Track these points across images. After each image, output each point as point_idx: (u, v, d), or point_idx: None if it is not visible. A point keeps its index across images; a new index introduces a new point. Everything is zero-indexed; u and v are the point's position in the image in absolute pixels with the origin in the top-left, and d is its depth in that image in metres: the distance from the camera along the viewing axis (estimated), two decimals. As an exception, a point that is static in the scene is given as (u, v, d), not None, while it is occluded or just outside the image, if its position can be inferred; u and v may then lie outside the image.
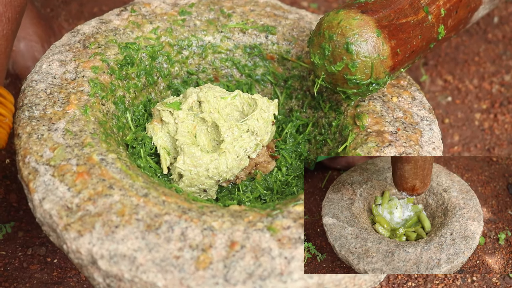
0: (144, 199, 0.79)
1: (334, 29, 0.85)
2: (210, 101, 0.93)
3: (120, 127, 0.93)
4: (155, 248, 0.75)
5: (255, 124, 0.93)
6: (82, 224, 0.76)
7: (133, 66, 0.97)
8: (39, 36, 1.15)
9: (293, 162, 0.98)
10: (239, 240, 0.76)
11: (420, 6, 0.90)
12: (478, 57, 1.37)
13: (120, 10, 1.03)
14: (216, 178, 0.91)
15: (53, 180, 0.80)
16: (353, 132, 0.92)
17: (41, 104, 0.88)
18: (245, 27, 1.03)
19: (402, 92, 0.96)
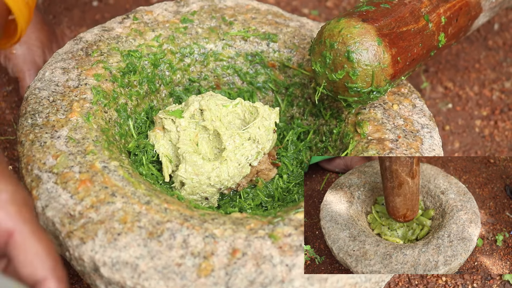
0: (146, 206, 0.80)
1: (335, 38, 0.86)
2: (211, 109, 0.94)
3: (122, 134, 0.93)
4: (157, 256, 0.75)
5: (257, 132, 0.93)
6: (84, 231, 0.77)
7: (135, 73, 0.98)
8: (41, 41, 1.15)
9: (294, 169, 0.98)
10: (241, 247, 0.76)
11: (420, 14, 0.91)
12: (478, 64, 1.38)
13: (123, 17, 1.04)
14: (217, 186, 0.91)
15: (56, 187, 0.80)
16: (354, 140, 0.92)
17: (44, 112, 0.88)
18: (247, 34, 1.03)
19: (402, 100, 0.97)
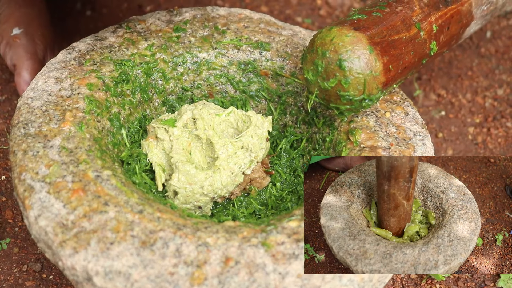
0: (139, 215, 0.80)
1: (327, 46, 0.86)
2: (204, 118, 0.94)
3: (115, 143, 0.93)
4: (150, 265, 0.75)
5: (250, 141, 0.93)
6: (77, 240, 0.77)
7: (128, 83, 0.98)
8: (46, 39, 1.15)
9: (288, 177, 0.98)
10: (234, 256, 0.76)
11: (412, 22, 0.91)
12: (471, 71, 1.38)
13: (115, 27, 1.04)
14: (211, 195, 0.91)
15: (48, 197, 0.80)
16: (347, 148, 0.92)
17: (37, 122, 0.88)
18: (239, 43, 1.04)
19: (395, 108, 0.97)
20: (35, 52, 1.11)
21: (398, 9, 0.91)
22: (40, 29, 1.13)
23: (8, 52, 1.11)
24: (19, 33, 1.11)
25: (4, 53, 1.12)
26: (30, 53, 1.10)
